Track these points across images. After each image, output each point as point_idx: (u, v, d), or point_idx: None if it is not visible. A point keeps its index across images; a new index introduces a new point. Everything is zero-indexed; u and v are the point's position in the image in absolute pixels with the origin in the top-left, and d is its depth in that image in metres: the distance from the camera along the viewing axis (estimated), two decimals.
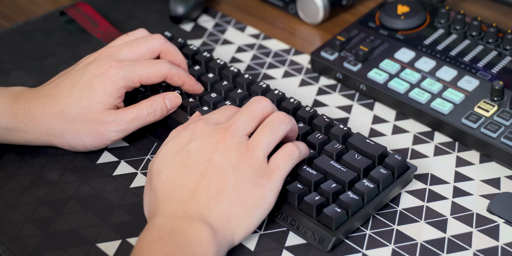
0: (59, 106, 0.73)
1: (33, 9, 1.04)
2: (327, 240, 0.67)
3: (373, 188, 0.69)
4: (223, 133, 0.66)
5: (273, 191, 0.65)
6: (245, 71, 0.91)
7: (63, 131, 0.74)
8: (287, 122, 0.68)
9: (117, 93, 0.74)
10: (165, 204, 0.64)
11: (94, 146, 0.75)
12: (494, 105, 0.78)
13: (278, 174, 0.66)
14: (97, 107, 0.73)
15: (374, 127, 0.82)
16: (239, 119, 0.67)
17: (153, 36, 0.78)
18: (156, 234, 0.61)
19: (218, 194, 0.64)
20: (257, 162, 0.65)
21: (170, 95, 0.76)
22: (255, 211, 0.64)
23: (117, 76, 0.73)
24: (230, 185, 0.64)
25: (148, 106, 0.74)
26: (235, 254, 0.68)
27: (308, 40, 0.97)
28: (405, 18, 0.90)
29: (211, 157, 0.65)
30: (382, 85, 0.83)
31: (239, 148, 0.65)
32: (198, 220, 0.62)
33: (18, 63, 0.92)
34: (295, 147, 0.68)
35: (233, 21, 0.99)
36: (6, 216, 0.72)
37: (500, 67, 0.83)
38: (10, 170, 0.76)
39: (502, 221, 0.71)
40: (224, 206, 0.63)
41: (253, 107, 0.68)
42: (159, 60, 0.76)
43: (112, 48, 0.76)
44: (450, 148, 0.79)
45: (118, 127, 0.74)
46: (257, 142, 0.66)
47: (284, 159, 0.67)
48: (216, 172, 0.64)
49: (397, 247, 0.69)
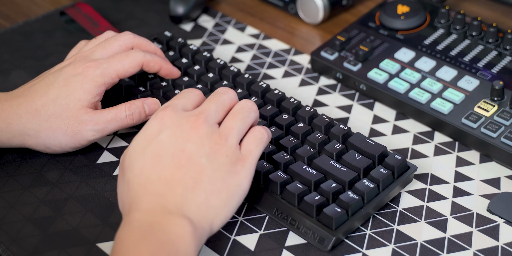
0: (34, 105, 0.73)
1: (33, 9, 1.04)
2: (327, 240, 0.67)
3: (373, 188, 0.69)
4: (195, 120, 0.65)
5: (247, 177, 0.66)
6: (245, 71, 0.91)
7: (38, 130, 0.73)
8: (255, 110, 0.69)
9: (96, 90, 0.74)
10: (141, 199, 0.63)
11: (70, 146, 0.74)
12: (494, 105, 0.78)
13: (251, 159, 0.66)
14: (75, 104, 0.73)
15: (374, 127, 0.82)
16: (210, 106, 0.67)
17: (121, 34, 0.79)
18: (137, 231, 0.61)
19: (195, 185, 0.63)
20: (231, 149, 0.65)
21: (149, 100, 0.76)
22: (231, 199, 0.64)
23: (95, 73, 0.74)
24: (206, 176, 0.63)
25: (126, 109, 0.75)
26: (235, 254, 0.68)
27: (308, 40, 0.97)
28: (405, 18, 0.90)
29: (184, 147, 0.64)
30: (382, 85, 0.83)
31: (212, 136, 0.65)
32: (177, 215, 0.62)
33: (18, 63, 0.92)
34: (263, 129, 0.68)
35: (233, 21, 0.99)
36: (6, 216, 0.72)
37: (500, 67, 0.83)
38: (10, 170, 0.76)
39: (502, 221, 0.71)
40: (201, 198, 0.63)
41: (222, 96, 0.69)
42: (132, 50, 0.77)
43: (86, 52, 0.77)
44: (450, 148, 0.79)
45: (95, 127, 0.73)
46: (229, 130, 0.66)
47: (255, 143, 0.67)
48: (190, 163, 0.63)
49: (397, 247, 0.69)
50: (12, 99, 0.74)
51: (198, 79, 0.83)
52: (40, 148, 0.75)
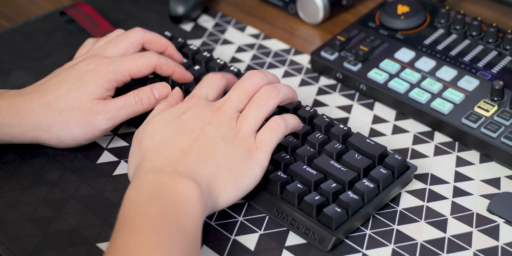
0: (46, 99, 0.73)
1: (33, 9, 1.04)
2: (327, 240, 0.67)
3: (373, 188, 0.69)
4: (217, 109, 0.69)
5: (260, 165, 0.67)
6: (245, 71, 0.91)
7: (51, 123, 0.73)
8: (274, 96, 0.70)
9: (108, 85, 0.74)
10: (155, 162, 0.65)
11: (84, 137, 0.75)
12: (494, 105, 0.78)
13: (264, 149, 0.68)
14: (87, 96, 0.73)
15: (374, 127, 0.82)
16: (232, 96, 0.70)
17: (132, 30, 0.80)
18: (146, 191, 0.62)
19: (208, 157, 0.66)
20: (244, 136, 0.68)
21: (158, 85, 0.77)
22: (241, 179, 0.66)
23: (107, 70, 0.74)
24: (220, 152, 0.66)
25: (135, 95, 0.75)
26: (235, 254, 0.68)
27: (308, 40, 0.97)
28: (405, 18, 0.90)
29: (204, 127, 0.67)
30: (382, 85, 0.83)
31: (230, 122, 0.68)
32: (186, 177, 0.63)
33: (18, 63, 0.92)
34: (281, 120, 0.69)
35: (233, 21, 0.99)
36: (6, 216, 0.72)
37: (500, 67, 0.83)
38: (10, 170, 0.76)
39: (502, 221, 0.71)
40: (212, 168, 0.65)
41: (246, 83, 0.71)
42: (146, 52, 0.78)
43: (97, 50, 0.78)
44: (450, 148, 0.79)
45: (107, 115, 0.74)
46: (245, 119, 0.69)
47: (269, 134, 0.68)
48: (207, 140, 0.67)
49: (397, 247, 0.69)
50: (24, 95, 0.74)
51: (198, 79, 0.83)
52: (53, 143, 0.75)
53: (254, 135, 0.68)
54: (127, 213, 0.61)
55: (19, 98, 0.74)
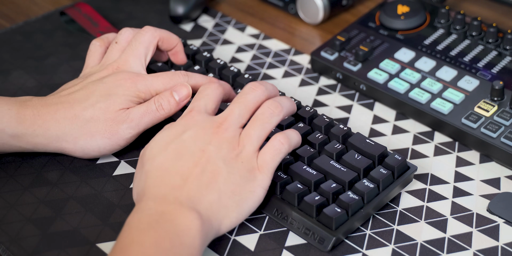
0: (73, 111, 0.73)
1: (33, 9, 1.04)
2: (327, 240, 0.67)
3: (373, 188, 0.69)
4: (218, 126, 0.67)
5: (262, 186, 0.67)
6: (245, 71, 0.91)
7: (76, 136, 0.73)
8: (278, 113, 0.69)
9: (135, 100, 0.74)
10: (156, 189, 0.64)
11: (108, 149, 0.74)
12: (494, 105, 0.78)
13: (266, 170, 0.67)
14: (114, 107, 0.73)
15: (374, 127, 0.82)
16: (234, 111, 0.68)
17: (142, 32, 0.79)
18: (146, 219, 0.62)
19: (209, 183, 0.65)
20: (247, 157, 0.67)
21: (178, 86, 0.76)
22: (243, 203, 0.66)
23: (136, 87, 0.74)
24: (222, 177, 0.65)
25: (155, 100, 0.75)
26: (235, 254, 0.68)
27: (308, 40, 0.97)
28: (405, 18, 0.90)
29: (205, 148, 0.66)
30: (382, 85, 0.83)
31: (231, 142, 0.67)
32: (188, 207, 0.63)
33: (18, 63, 0.92)
34: (284, 139, 0.68)
35: (233, 21, 0.99)
36: (6, 216, 0.72)
37: (500, 67, 0.83)
38: (10, 170, 0.76)
39: (502, 221, 0.71)
40: (214, 195, 0.64)
41: (247, 97, 0.69)
42: (177, 73, 0.77)
43: (119, 63, 0.77)
44: (450, 148, 0.79)
45: (130, 123, 0.73)
46: (248, 137, 0.67)
47: (271, 155, 0.67)
48: (208, 163, 0.65)
49: (397, 247, 0.69)
50: (49, 106, 0.73)
51: None
52: (78, 154, 0.75)
53: (256, 155, 0.67)
54: (124, 239, 0.61)
55: (44, 109, 0.73)
